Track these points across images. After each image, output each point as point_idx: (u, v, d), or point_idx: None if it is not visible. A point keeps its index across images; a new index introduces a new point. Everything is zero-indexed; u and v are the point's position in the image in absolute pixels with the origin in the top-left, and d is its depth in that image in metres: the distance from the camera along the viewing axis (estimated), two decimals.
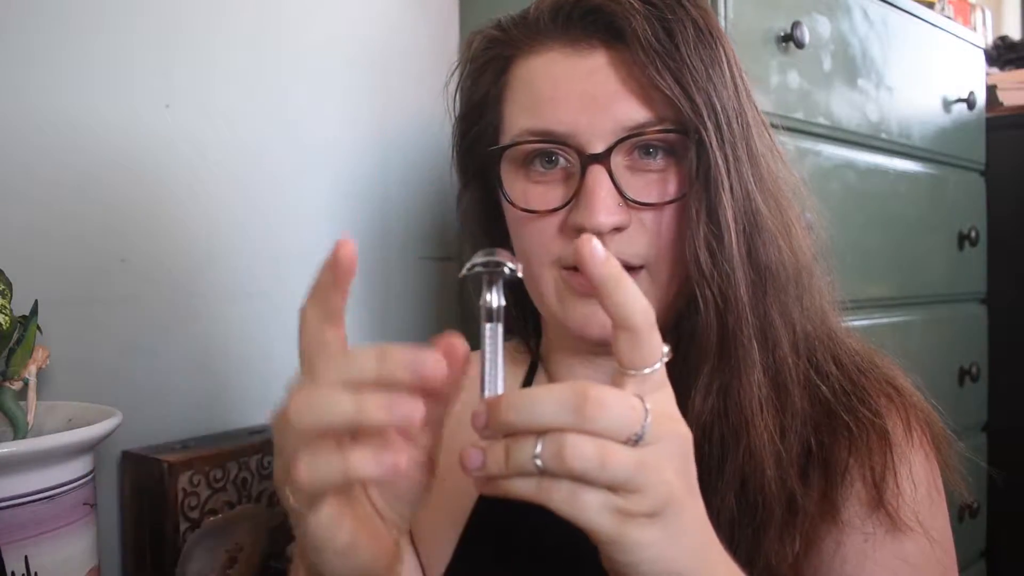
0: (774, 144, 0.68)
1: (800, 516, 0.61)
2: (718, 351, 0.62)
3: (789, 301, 0.64)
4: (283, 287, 1.04)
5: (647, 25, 0.61)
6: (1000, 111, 1.73)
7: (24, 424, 0.73)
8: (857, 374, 0.67)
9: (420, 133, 1.20)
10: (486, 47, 0.70)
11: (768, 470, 0.60)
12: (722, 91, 0.63)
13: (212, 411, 0.99)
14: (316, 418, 0.40)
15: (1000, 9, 2.68)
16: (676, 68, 0.61)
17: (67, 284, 0.87)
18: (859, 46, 1.27)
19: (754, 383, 0.62)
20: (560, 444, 0.39)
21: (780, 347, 0.63)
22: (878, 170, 1.33)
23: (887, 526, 0.62)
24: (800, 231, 0.67)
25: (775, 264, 0.64)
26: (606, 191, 0.62)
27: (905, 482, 0.63)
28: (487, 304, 0.44)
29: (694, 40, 0.62)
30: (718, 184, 0.61)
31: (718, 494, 0.61)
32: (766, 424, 0.61)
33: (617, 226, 0.63)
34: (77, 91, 0.88)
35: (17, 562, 0.67)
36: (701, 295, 0.62)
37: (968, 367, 1.57)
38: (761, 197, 0.64)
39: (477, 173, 0.74)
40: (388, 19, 1.18)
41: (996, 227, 1.66)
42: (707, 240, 0.61)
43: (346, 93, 1.13)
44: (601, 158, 0.62)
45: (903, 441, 0.65)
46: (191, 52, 0.97)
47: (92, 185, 0.89)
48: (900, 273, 1.39)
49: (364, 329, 1.14)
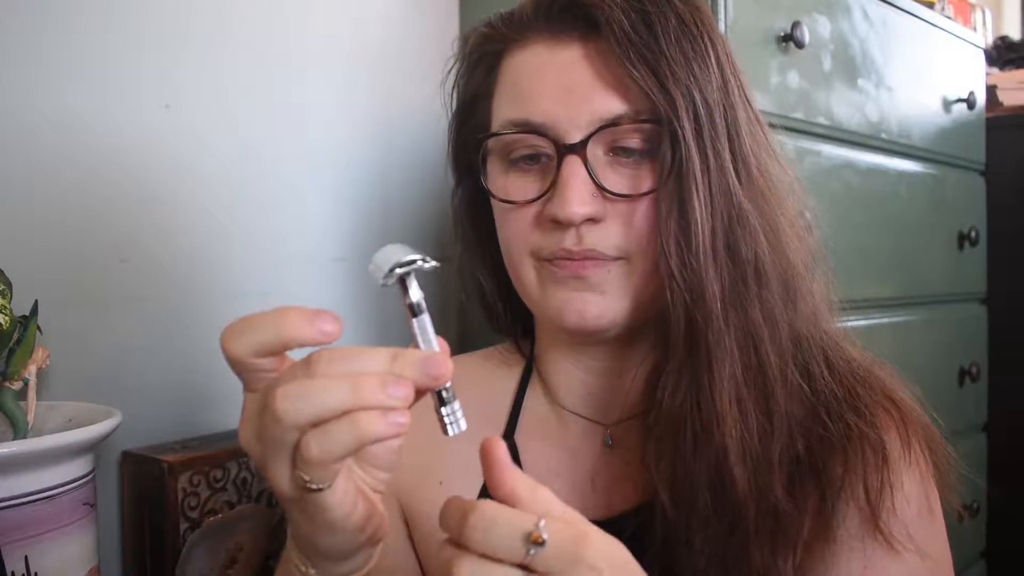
0: (769, 143, 0.68)
1: (789, 528, 0.60)
2: (687, 346, 0.62)
3: (774, 300, 0.63)
4: (283, 287, 1.04)
5: (624, 17, 0.62)
6: (1000, 111, 1.73)
7: (24, 424, 0.73)
8: (852, 382, 0.66)
9: (420, 133, 1.20)
10: (480, 44, 0.71)
11: (740, 469, 0.60)
12: (705, 85, 0.62)
13: (212, 411, 0.98)
14: (314, 407, 0.41)
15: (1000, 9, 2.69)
16: (652, 59, 0.61)
17: (67, 284, 0.87)
18: (859, 46, 1.27)
19: (726, 380, 0.61)
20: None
21: (762, 345, 0.62)
22: (878, 170, 1.33)
23: (882, 547, 0.61)
24: (793, 231, 0.67)
25: (759, 261, 0.63)
26: (580, 180, 0.62)
27: (901, 501, 0.62)
28: (409, 300, 0.44)
29: (676, 32, 0.62)
30: (691, 178, 0.61)
31: (691, 491, 0.61)
32: (739, 423, 0.61)
33: (591, 216, 0.63)
34: (77, 91, 0.88)
35: (17, 562, 0.67)
36: (669, 289, 0.62)
37: (968, 367, 1.57)
38: (746, 194, 0.63)
39: (469, 169, 0.74)
40: (388, 19, 1.18)
41: (996, 227, 1.66)
42: (676, 235, 0.61)
43: (346, 93, 1.13)
44: (576, 148, 0.63)
45: (900, 457, 0.64)
46: (191, 52, 0.97)
47: (92, 185, 0.89)
48: (900, 273, 1.39)
49: (364, 329, 1.14)
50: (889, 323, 1.35)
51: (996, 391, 1.66)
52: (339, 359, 0.43)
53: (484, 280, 0.77)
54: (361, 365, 0.43)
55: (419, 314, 0.44)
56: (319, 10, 1.09)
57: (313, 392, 0.41)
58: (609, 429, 0.72)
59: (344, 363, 0.43)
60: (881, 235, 1.33)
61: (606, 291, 0.64)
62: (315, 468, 0.42)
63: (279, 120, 1.05)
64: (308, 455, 0.41)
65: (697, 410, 0.61)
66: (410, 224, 1.20)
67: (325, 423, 0.41)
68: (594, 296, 0.64)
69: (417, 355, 0.43)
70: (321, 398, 0.41)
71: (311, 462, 0.41)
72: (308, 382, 0.42)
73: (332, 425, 0.41)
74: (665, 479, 0.62)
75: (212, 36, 0.98)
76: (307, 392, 0.41)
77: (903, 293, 1.40)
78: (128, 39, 0.92)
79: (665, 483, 0.62)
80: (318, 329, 0.43)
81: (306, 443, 0.41)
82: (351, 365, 0.42)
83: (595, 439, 0.73)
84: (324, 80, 1.10)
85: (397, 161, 1.18)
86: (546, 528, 0.40)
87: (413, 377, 0.42)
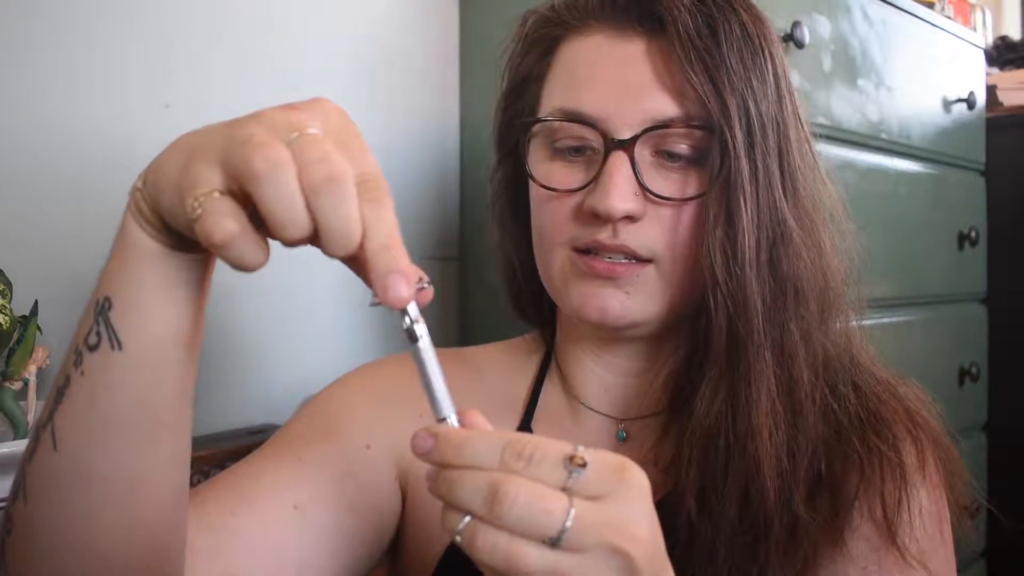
0: (816, 163, 0.68)
1: (803, 540, 0.61)
2: (726, 356, 0.62)
3: (811, 318, 0.64)
4: (283, 287, 1.04)
5: (690, 18, 0.61)
6: (1000, 111, 1.73)
7: (24, 424, 0.73)
8: (876, 403, 0.66)
9: (421, 133, 1.20)
10: (538, 27, 0.71)
11: (771, 483, 0.60)
12: (760, 98, 0.62)
13: (211, 411, 0.98)
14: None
15: (1000, 9, 2.68)
16: (712, 66, 0.61)
17: (67, 284, 0.87)
18: (859, 46, 1.27)
19: (763, 393, 0.61)
20: (475, 531, 0.38)
21: (796, 362, 0.63)
22: (878, 170, 1.33)
23: (894, 560, 0.61)
24: (833, 252, 0.67)
25: (799, 279, 0.63)
26: (624, 177, 0.62)
27: (915, 516, 0.62)
28: (407, 326, 0.41)
29: (738, 42, 0.62)
30: (739, 187, 0.61)
31: (720, 501, 0.61)
32: (773, 437, 0.61)
33: (630, 214, 0.63)
34: (77, 91, 0.88)
35: None
36: (712, 298, 0.62)
37: (968, 367, 1.57)
38: (791, 211, 0.63)
39: (512, 150, 0.74)
40: (388, 19, 1.18)
41: (996, 227, 1.66)
42: (722, 243, 0.61)
43: (347, 93, 1.13)
44: (625, 144, 0.63)
45: (916, 474, 0.64)
46: (191, 52, 0.97)
47: (92, 185, 0.89)
48: (900, 273, 1.39)
49: (363, 329, 1.14)
50: (889, 323, 1.35)
51: (996, 391, 1.66)
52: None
53: (516, 262, 0.76)
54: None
55: (415, 341, 0.41)
56: (319, 10, 1.09)
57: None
58: (623, 424, 0.72)
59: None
60: (881, 235, 1.33)
61: (631, 292, 0.65)
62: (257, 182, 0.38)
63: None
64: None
65: (732, 421, 0.61)
66: (410, 227, 1.20)
67: (316, 188, 0.38)
68: (618, 294, 0.64)
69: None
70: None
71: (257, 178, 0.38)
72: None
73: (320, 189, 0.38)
74: (694, 486, 0.62)
75: (212, 36, 0.98)
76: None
77: (903, 293, 1.40)
78: (128, 39, 0.92)
79: (693, 490, 0.62)
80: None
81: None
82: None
83: (608, 433, 0.73)
84: (324, 81, 1.10)
85: (397, 163, 1.18)
86: (585, 452, 0.39)
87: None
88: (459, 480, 0.39)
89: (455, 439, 0.40)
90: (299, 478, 0.64)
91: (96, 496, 0.46)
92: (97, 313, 0.45)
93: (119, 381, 0.45)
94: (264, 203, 0.38)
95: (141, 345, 0.45)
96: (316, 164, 0.38)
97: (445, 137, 1.24)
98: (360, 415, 0.71)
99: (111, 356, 0.45)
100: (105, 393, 0.45)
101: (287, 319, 1.05)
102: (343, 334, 1.11)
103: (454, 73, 1.25)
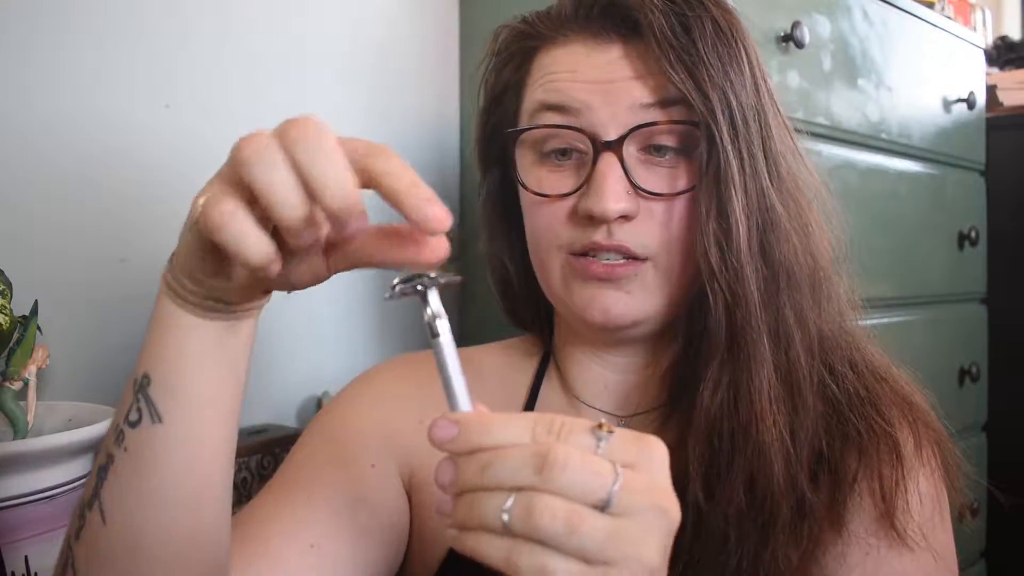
0: (796, 147, 0.69)
1: (808, 519, 0.61)
2: (727, 346, 0.63)
3: (804, 301, 0.65)
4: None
5: (664, 19, 0.62)
6: (1000, 111, 1.73)
7: (24, 424, 0.73)
8: (873, 381, 0.67)
9: (420, 133, 1.20)
10: (513, 40, 0.71)
11: (777, 467, 0.61)
12: (740, 89, 0.63)
13: None
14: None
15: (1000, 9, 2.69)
16: (691, 62, 0.62)
17: (67, 284, 0.87)
18: (859, 46, 1.27)
19: (764, 379, 0.62)
20: (530, 501, 0.37)
21: (793, 346, 0.64)
22: (878, 170, 1.33)
23: (893, 541, 0.62)
24: (820, 233, 0.68)
25: (790, 262, 0.64)
26: (616, 178, 0.63)
27: (913, 497, 0.63)
28: (428, 319, 0.42)
29: (712, 37, 0.63)
30: (729, 179, 0.62)
31: (727, 489, 0.61)
32: (776, 422, 0.62)
33: (625, 213, 0.63)
34: (77, 91, 0.88)
35: (17, 562, 0.67)
36: (710, 289, 0.62)
37: (968, 367, 1.57)
38: (778, 196, 0.64)
39: (496, 161, 0.74)
40: (388, 19, 1.18)
41: (996, 227, 1.66)
42: (716, 235, 0.62)
43: (346, 93, 1.13)
44: (613, 145, 0.63)
45: (913, 456, 0.65)
46: (191, 52, 0.97)
47: (92, 185, 0.89)
48: (900, 273, 1.39)
49: (364, 329, 1.14)
50: (889, 323, 1.35)
51: (996, 391, 1.66)
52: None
53: (511, 270, 0.77)
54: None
55: (435, 336, 0.42)
56: (319, 10, 1.09)
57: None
58: (623, 420, 0.72)
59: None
60: (881, 235, 1.33)
61: (632, 291, 0.65)
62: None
63: (279, 120, 1.05)
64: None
65: (735, 409, 0.62)
66: None
67: (295, 145, 0.41)
68: (619, 294, 0.65)
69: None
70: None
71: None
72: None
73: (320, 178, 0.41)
74: (700, 476, 0.62)
75: (212, 36, 0.98)
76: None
77: (903, 293, 1.40)
78: (128, 39, 0.92)
79: (700, 480, 0.62)
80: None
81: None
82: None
83: None
84: (324, 80, 1.10)
85: None
86: (608, 424, 0.40)
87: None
88: (499, 458, 0.38)
89: (484, 422, 0.40)
90: (312, 517, 0.64)
91: (144, 561, 0.49)
92: (136, 391, 0.49)
93: (162, 451, 0.48)
94: (258, 185, 0.40)
95: (181, 414, 0.48)
96: (298, 133, 0.41)
97: (445, 137, 1.24)
98: (363, 434, 0.71)
99: (152, 430, 0.48)
100: (150, 464, 0.48)
101: (287, 320, 1.05)
102: (343, 335, 1.10)
103: (454, 73, 1.25)
